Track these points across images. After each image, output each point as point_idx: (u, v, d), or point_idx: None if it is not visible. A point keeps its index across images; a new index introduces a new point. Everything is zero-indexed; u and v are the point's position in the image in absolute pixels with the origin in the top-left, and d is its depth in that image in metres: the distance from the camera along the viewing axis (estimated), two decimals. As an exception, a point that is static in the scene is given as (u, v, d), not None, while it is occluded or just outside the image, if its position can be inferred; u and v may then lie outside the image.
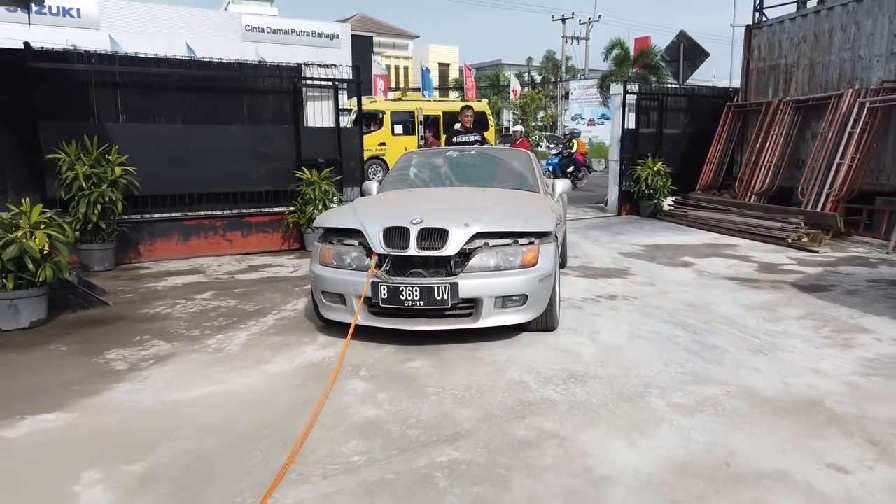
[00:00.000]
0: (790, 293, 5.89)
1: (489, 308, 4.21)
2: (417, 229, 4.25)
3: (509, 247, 4.34)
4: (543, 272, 4.30)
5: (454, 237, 4.23)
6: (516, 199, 5.17)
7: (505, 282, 4.22)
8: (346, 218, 4.77)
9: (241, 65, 8.62)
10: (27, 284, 4.81)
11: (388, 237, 4.28)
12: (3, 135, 7.09)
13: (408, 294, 4.14)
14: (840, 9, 9.59)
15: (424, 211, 4.51)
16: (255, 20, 43.26)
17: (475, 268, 4.26)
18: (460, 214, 4.46)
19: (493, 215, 4.54)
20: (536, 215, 4.73)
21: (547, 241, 4.47)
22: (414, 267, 4.27)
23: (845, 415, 3.27)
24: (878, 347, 4.34)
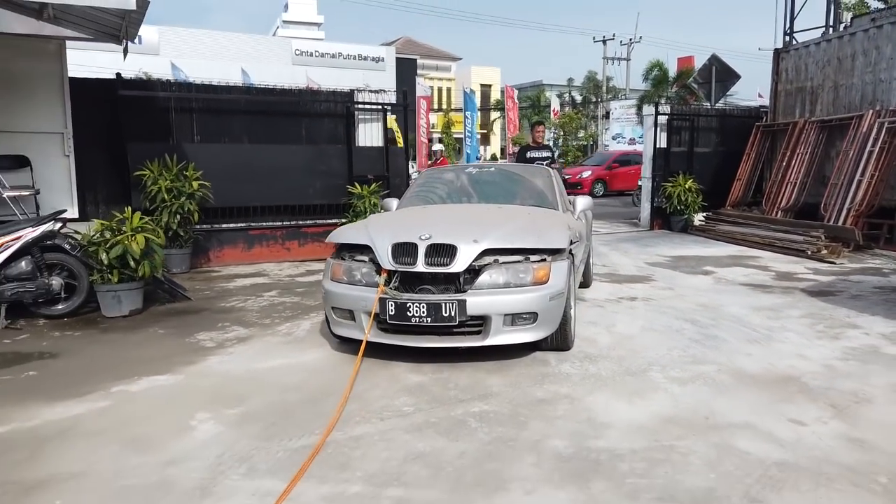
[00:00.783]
0: (798, 297, 6.44)
1: (498, 326, 4.15)
2: (425, 245, 4.22)
3: (520, 264, 4.28)
4: (555, 290, 4.23)
5: (462, 253, 4.18)
6: (530, 216, 5.10)
7: (514, 299, 4.15)
8: (356, 234, 4.75)
9: (300, 91, 9.59)
10: (128, 279, 5.71)
11: (396, 253, 4.26)
12: (97, 155, 8.14)
13: (415, 311, 4.10)
14: (861, 34, 10.08)
15: (434, 227, 4.48)
16: (305, 45, 44.96)
17: (484, 285, 4.20)
18: (470, 231, 4.42)
19: (504, 232, 4.49)
20: (549, 232, 4.62)
21: (560, 259, 4.40)
22: (423, 283, 4.24)
23: (815, 387, 3.87)
24: (863, 340, 4.89)
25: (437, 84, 63.47)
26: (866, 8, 15.16)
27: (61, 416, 3.54)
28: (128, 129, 8.24)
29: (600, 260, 8.63)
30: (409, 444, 3.14)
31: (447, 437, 3.22)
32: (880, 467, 2.87)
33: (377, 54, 42.64)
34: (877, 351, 4.63)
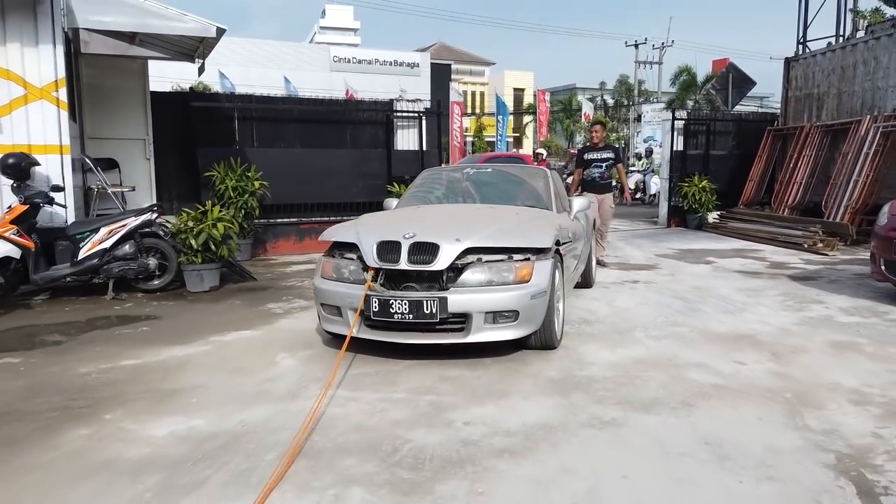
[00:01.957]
0: (781, 281, 7.33)
1: (479, 323, 4.23)
2: (409, 244, 4.32)
3: (503, 262, 4.37)
4: (537, 289, 4.29)
5: (445, 252, 4.27)
6: (518, 216, 5.19)
7: (495, 297, 4.24)
8: (346, 232, 4.86)
9: (346, 101, 10.80)
10: (209, 260, 6.89)
11: (381, 251, 4.38)
12: (173, 159, 9.42)
13: (398, 307, 4.21)
14: (862, 45, 10.85)
15: (419, 226, 4.57)
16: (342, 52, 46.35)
17: (466, 283, 4.29)
18: (454, 230, 4.50)
19: (488, 231, 4.56)
20: (533, 232, 4.70)
21: (544, 258, 4.47)
22: (408, 281, 4.35)
23: (765, 342, 4.83)
24: (821, 311, 5.81)
25: (471, 88, 64.49)
26: (882, 16, 15.76)
27: (177, 354, 4.70)
28: (198, 136, 9.50)
29: (614, 252, 9.57)
30: (440, 371, 4.20)
31: (468, 368, 4.27)
32: (790, 390, 3.83)
33: (412, 60, 43.88)
34: (830, 319, 5.55)
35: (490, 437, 3.18)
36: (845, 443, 3.10)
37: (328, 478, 2.79)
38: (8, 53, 6.42)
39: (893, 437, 3.16)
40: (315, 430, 3.27)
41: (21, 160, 6.25)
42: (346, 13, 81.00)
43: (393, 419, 3.42)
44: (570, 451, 3.04)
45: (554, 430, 3.26)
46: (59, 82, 6.57)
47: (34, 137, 6.55)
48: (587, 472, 2.82)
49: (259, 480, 2.75)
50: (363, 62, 42.16)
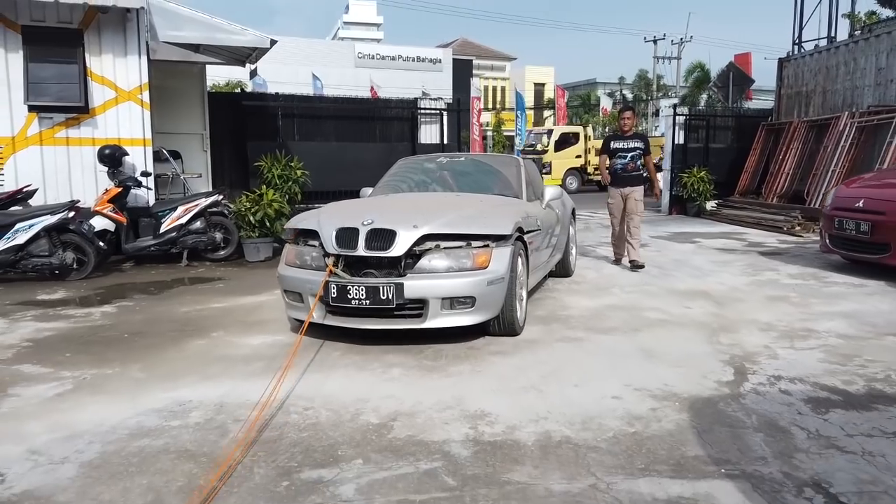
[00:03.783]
0: (751, 255, 8.53)
1: (436, 309, 4.27)
2: (367, 230, 4.36)
3: (461, 249, 4.41)
4: (494, 275, 4.34)
5: (401, 238, 4.30)
6: (481, 203, 5.23)
7: (452, 283, 4.28)
8: (309, 220, 4.91)
9: (375, 100, 12.13)
10: (264, 235, 8.25)
11: (339, 238, 4.41)
12: (226, 151, 10.81)
13: (355, 293, 4.25)
14: (843, 48, 11.93)
15: (380, 213, 4.62)
16: (366, 48, 47.66)
17: (424, 269, 4.32)
18: (413, 217, 4.54)
19: (447, 218, 4.59)
20: (493, 219, 4.71)
21: (503, 245, 4.49)
22: (368, 267, 4.38)
23: (714, 295, 6.06)
24: (772, 276, 7.02)
25: (492, 83, 65.46)
26: (878, 18, 16.71)
27: (252, 300, 6.05)
28: (247, 131, 10.88)
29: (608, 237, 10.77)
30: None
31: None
32: (718, 323, 5.07)
33: (434, 56, 45.07)
34: (776, 281, 6.75)
35: (488, 346, 4.48)
36: (741, 350, 4.35)
37: (376, 364, 4.12)
38: (103, 63, 7.81)
39: (777, 347, 4.41)
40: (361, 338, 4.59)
41: (115, 151, 7.65)
42: (369, 8, 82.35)
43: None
44: (544, 353, 4.33)
45: (535, 343, 4.56)
46: (143, 86, 7.97)
47: (123, 132, 7.94)
48: (554, 363, 4.11)
49: (331, 364, 4.09)
50: (387, 58, 43.48)
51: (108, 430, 3.09)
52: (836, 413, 3.28)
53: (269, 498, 2.48)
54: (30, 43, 7.49)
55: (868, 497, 2.46)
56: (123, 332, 4.92)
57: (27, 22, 7.48)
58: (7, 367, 4.10)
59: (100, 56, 7.79)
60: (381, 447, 2.90)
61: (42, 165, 7.68)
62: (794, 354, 4.26)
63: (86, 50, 7.68)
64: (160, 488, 2.56)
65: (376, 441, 2.97)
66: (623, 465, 2.73)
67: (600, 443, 2.94)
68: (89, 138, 7.83)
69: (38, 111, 7.59)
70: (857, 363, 4.06)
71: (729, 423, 3.15)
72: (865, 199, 6.80)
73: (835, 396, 3.51)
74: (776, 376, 3.82)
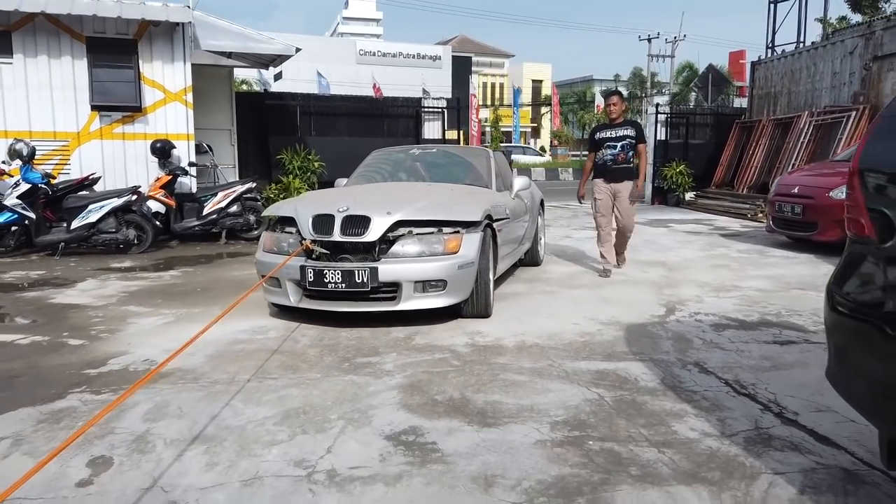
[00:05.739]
0: (712, 236, 9.84)
1: (409, 292, 4.45)
2: (342, 217, 4.52)
3: (433, 235, 4.59)
4: (465, 260, 4.52)
5: (375, 224, 4.47)
6: (452, 192, 5.44)
7: (424, 267, 4.46)
8: (286, 207, 5.10)
9: (384, 98, 13.41)
10: (291, 217, 9.53)
11: (316, 224, 4.58)
12: (251, 145, 12.09)
13: (331, 277, 4.41)
14: (805, 53, 13.23)
15: (354, 201, 4.78)
16: (368, 45, 48.66)
17: (397, 254, 4.50)
18: (387, 204, 4.72)
19: (419, 206, 4.79)
20: (463, 206, 4.90)
21: (473, 231, 4.68)
22: (344, 252, 4.54)
23: (669, 264, 7.37)
24: (722, 251, 8.34)
25: (491, 80, 66.58)
26: (847, 23, 17.99)
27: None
28: (269, 127, 12.17)
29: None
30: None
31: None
32: (665, 282, 6.38)
33: (434, 53, 46.21)
34: (725, 255, 8.07)
35: (483, 295, 5.78)
36: (677, 298, 5.67)
37: (398, 306, 5.42)
38: (154, 69, 9.09)
39: (705, 296, 5.72)
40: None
41: (165, 144, 8.94)
42: (368, 4, 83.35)
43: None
44: (525, 300, 5.64)
45: (519, 294, 5.87)
46: (187, 89, 9.25)
47: (170, 128, 9.22)
48: (532, 305, 5.42)
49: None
50: (387, 55, 44.65)
51: (214, 340, 4.38)
52: (730, 331, 4.60)
53: (339, 369, 3.79)
54: (93, 51, 8.76)
55: (727, 369, 3.78)
56: (194, 288, 6.22)
57: (91, 34, 8.75)
58: (117, 307, 5.41)
59: (151, 62, 9.07)
60: (407, 348, 4.21)
61: (102, 157, 8.96)
62: (716, 300, 5.58)
63: (139, 57, 8.96)
64: (265, 366, 3.86)
65: (404, 345, 4.28)
66: (571, 355, 4.05)
67: (558, 345, 4.26)
68: (141, 133, 9.11)
69: (100, 110, 8.88)
70: (760, 306, 5.38)
71: (650, 336, 4.47)
72: (800, 185, 8.12)
73: (733, 323, 4.83)
74: (696, 312, 5.15)
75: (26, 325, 4.88)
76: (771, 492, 2.43)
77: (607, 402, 3.30)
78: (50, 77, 8.63)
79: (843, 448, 2.77)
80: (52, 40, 8.60)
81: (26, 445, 2.83)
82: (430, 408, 3.22)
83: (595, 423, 3.05)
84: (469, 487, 2.46)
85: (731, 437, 2.89)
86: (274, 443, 2.84)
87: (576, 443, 2.83)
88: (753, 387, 3.51)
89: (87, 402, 3.32)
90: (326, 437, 2.89)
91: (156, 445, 2.81)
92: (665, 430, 2.97)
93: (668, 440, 2.86)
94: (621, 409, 3.20)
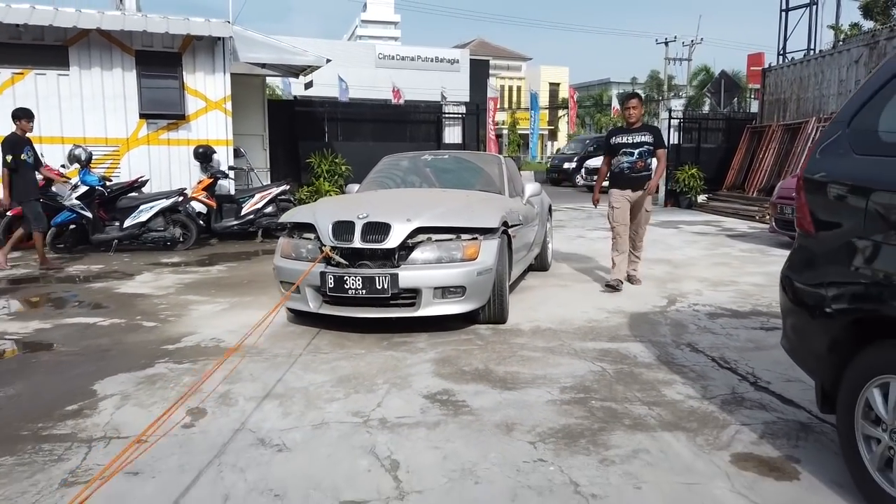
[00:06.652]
0: (718, 237, 10.37)
1: (429, 298, 4.48)
2: (362, 224, 4.55)
3: (451, 241, 4.62)
4: (483, 266, 4.56)
5: (396, 231, 4.50)
6: (467, 198, 5.44)
7: (443, 274, 4.49)
8: (304, 214, 5.14)
9: (406, 104, 14.06)
10: (321, 218, 10.21)
11: (336, 231, 4.59)
12: (282, 149, 12.79)
13: (351, 283, 4.43)
14: (813, 61, 13.69)
15: (373, 207, 4.80)
16: (387, 49, 49.43)
17: (417, 260, 4.53)
18: (405, 211, 4.74)
19: (437, 212, 4.81)
20: (481, 213, 4.93)
21: (491, 238, 4.72)
22: (363, 259, 4.56)
23: (673, 261, 7.92)
24: (726, 250, 8.87)
25: (508, 83, 67.09)
26: (859, 29, 18.37)
27: (323, 264, 8.00)
28: (298, 132, 12.86)
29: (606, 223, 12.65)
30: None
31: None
32: (670, 277, 6.95)
33: (452, 56, 46.76)
34: (727, 254, 8.61)
35: (502, 288, 6.39)
36: (679, 291, 6.24)
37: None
38: (196, 79, 9.81)
39: (704, 290, 6.29)
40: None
41: (207, 150, 9.65)
42: (386, 7, 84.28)
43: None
44: (540, 292, 6.24)
45: (533, 287, 6.47)
46: (226, 98, 9.96)
47: (211, 134, 9.94)
48: (546, 296, 6.02)
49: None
50: (406, 59, 45.26)
51: (267, 322, 5.03)
52: (722, 319, 5.18)
53: (379, 347, 4.42)
54: (141, 64, 9.51)
55: (715, 349, 4.36)
56: (241, 280, 6.89)
57: (139, 47, 9.49)
58: (176, 296, 6.09)
59: (193, 73, 9.79)
60: (436, 331, 4.83)
61: (149, 161, 9.69)
62: (714, 293, 6.15)
63: (183, 69, 9.69)
64: (315, 343, 4.51)
65: (433, 328, 4.90)
66: (580, 337, 4.65)
67: (568, 329, 4.86)
68: (185, 139, 9.84)
69: (147, 118, 9.61)
70: (754, 298, 5.95)
71: (650, 322, 5.07)
72: (800, 189, 8.63)
73: (727, 313, 5.40)
74: (694, 303, 5.73)
75: (103, 311, 5.57)
76: (736, 437, 3.02)
77: (609, 373, 3.90)
78: (102, 88, 9.37)
79: (803, 408, 3.36)
80: (105, 54, 9.35)
81: (133, 400, 3.49)
82: (459, 376, 3.85)
83: (597, 388, 3.65)
84: (494, 431, 3.08)
85: (710, 399, 3.48)
86: (333, 399, 3.48)
87: (580, 402, 3.44)
88: (736, 363, 4.10)
89: (173, 370, 3.99)
90: (375, 396, 3.53)
91: (238, 401, 3.46)
92: (656, 393, 3.57)
93: (657, 401, 3.46)
94: (620, 379, 3.80)
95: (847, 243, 2.55)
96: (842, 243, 2.59)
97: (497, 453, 2.85)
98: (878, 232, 2.39)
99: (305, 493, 2.52)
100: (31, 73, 9.07)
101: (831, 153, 2.79)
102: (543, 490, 2.54)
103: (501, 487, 2.56)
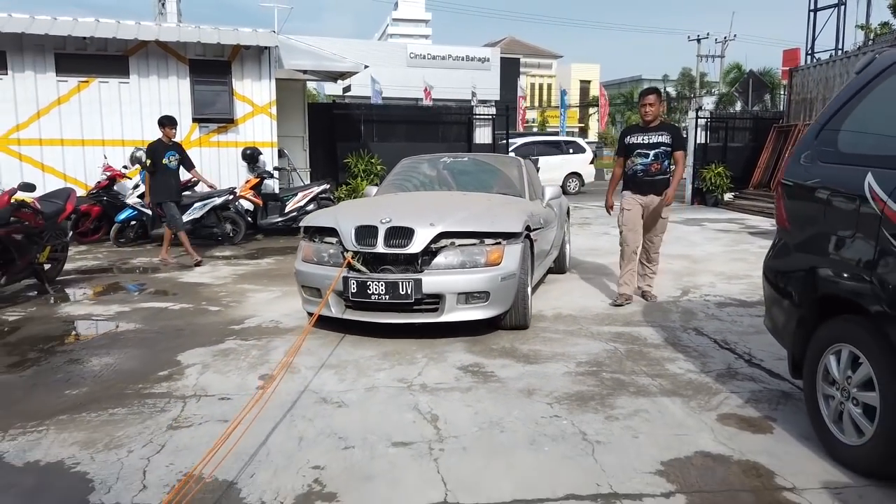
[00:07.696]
0: (740, 234, 10.75)
1: (452, 304, 4.44)
2: (385, 228, 4.51)
3: (475, 246, 4.58)
4: (507, 271, 4.53)
5: (419, 236, 4.47)
6: (489, 202, 5.38)
7: (467, 279, 4.45)
8: (326, 218, 5.09)
9: (439, 106, 14.64)
10: (359, 215, 10.86)
11: (359, 235, 4.56)
12: (320, 150, 13.48)
13: (374, 289, 4.40)
14: (839, 62, 13.91)
15: (395, 211, 4.75)
16: (418, 48, 49.89)
17: (440, 265, 4.49)
18: (428, 215, 4.69)
19: (460, 216, 4.76)
20: (504, 218, 4.88)
21: (514, 242, 4.68)
22: (385, 264, 4.52)
23: (693, 257, 8.37)
24: (745, 247, 9.28)
25: (539, 81, 67.35)
26: (889, 28, 18.41)
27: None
28: (336, 134, 13.54)
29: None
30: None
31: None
32: (687, 271, 7.41)
33: (483, 55, 47.24)
34: (746, 250, 9.02)
35: (528, 280, 6.94)
36: (693, 284, 6.72)
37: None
38: (244, 86, 10.52)
39: (718, 283, 6.75)
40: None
41: (254, 151, 10.36)
42: (417, 5, 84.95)
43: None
44: (563, 284, 6.77)
45: (558, 279, 6.99)
46: (271, 102, 10.66)
47: (257, 137, 10.64)
48: (567, 288, 6.55)
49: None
50: (437, 58, 45.90)
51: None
52: (730, 308, 5.66)
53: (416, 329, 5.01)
54: (194, 72, 10.24)
55: (718, 333, 4.86)
56: (289, 272, 7.45)
57: (193, 56, 10.23)
58: (233, 285, 6.76)
59: (242, 80, 10.50)
60: (468, 315, 5.40)
61: (200, 161, 10.40)
62: (726, 285, 6.61)
63: (232, 76, 10.40)
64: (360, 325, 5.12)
65: (465, 314, 5.47)
66: (598, 322, 5.19)
67: (587, 315, 5.40)
68: (233, 142, 10.56)
69: (199, 122, 10.35)
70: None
71: (663, 311, 5.57)
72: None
73: (735, 303, 5.88)
74: (706, 294, 6.21)
75: (171, 297, 6.26)
76: (725, 402, 3.54)
77: (620, 351, 4.44)
78: (159, 94, 10.13)
79: (787, 381, 3.85)
80: (161, 63, 10.10)
81: (213, 368, 4.14)
82: (488, 353, 4.42)
83: (609, 363, 4.19)
84: (517, 395, 3.65)
85: (707, 373, 4.00)
86: (380, 369, 4.08)
87: (593, 374, 3.98)
88: (735, 344, 4.60)
89: (241, 346, 4.63)
90: (416, 367, 4.12)
91: (300, 369, 4.08)
92: (660, 368, 4.09)
93: (660, 373, 3.99)
94: (630, 356, 4.33)
95: (811, 236, 3.06)
96: (807, 237, 3.10)
97: (519, 411, 3.42)
98: (836, 227, 2.89)
99: (363, 437, 3.12)
100: (96, 82, 9.86)
101: (803, 161, 3.29)
102: (557, 437, 3.10)
103: (522, 435, 3.13)
